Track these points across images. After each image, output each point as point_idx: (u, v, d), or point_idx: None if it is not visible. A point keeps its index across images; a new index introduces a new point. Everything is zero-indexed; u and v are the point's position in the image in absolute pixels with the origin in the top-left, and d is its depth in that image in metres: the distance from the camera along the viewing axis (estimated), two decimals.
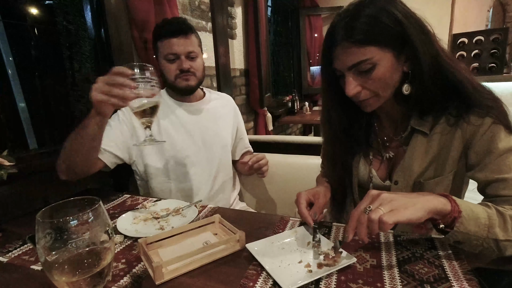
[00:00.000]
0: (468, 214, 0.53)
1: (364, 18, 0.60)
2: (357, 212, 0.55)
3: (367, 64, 0.61)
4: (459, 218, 0.53)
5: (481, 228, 0.53)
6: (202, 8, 1.93)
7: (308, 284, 0.52)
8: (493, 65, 3.34)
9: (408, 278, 0.52)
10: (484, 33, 3.44)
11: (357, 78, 0.64)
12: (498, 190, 0.61)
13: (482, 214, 0.54)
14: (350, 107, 0.73)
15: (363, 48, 0.60)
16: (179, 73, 1.07)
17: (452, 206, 0.54)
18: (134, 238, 0.72)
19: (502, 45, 3.32)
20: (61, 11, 1.22)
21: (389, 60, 0.62)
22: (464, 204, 0.55)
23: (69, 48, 1.25)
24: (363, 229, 0.53)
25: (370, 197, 0.56)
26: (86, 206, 0.43)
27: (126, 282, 0.56)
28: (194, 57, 1.08)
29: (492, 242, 0.54)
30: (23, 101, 1.22)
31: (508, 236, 0.53)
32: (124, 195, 1.03)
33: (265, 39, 2.75)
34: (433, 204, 0.53)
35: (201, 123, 1.15)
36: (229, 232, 0.70)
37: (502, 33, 3.32)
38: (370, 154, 0.80)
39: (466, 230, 0.53)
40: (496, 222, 0.54)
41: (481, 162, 0.64)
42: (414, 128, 0.70)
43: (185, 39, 1.05)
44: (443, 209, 0.53)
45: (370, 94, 0.66)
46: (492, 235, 0.53)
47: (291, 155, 1.33)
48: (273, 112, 2.96)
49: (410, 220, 0.51)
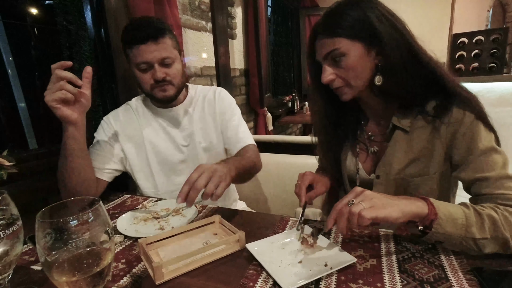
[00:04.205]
0: (445, 215, 0.56)
1: (338, 14, 0.68)
2: (340, 204, 0.57)
3: (338, 53, 0.68)
4: (436, 220, 0.55)
5: (459, 228, 0.56)
6: (202, 8, 1.93)
7: (308, 284, 0.52)
8: (493, 65, 3.34)
9: (408, 278, 0.52)
10: (484, 33, 3.44)
11: (332, 67, 0.71)
12: (481, 188, 0.63)
13: (459, 215, 0.57)
14: (336, 100, 0.78)
15: (334, 39, 0.67)
16: (154, 83, 0.96)
17: (429, 209, 0.56)
18: (134, 238, 0.72)
19: (502, 45, 3.32)
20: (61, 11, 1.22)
21: (358, 51, 0.67)
22: (442, 206, 0.57)
23: (69, 48, 1.25)
24: (343, 220, 0.55)
25: (354, 192, 0.58)
26: (86, 206, 0.43)
27: (126, 282, 0.56)
28: (170, 63, 0.96)
29: (470, 241, 0.56)
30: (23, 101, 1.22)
31: (484, 235, 0.56)
32: (124, 195, 1.03)
33: (265, 39, 2.75)
34: (410, 208, 0.56)
35: (183, 128, 1.07)
36: (229, 232, 0.70)
37: (502, 33, 3.32)
38: (357, 148, 0.84)
39: (443, 231, 0.56)
40: (473, 222, 0.56)
41: (463, 161, 0.66)
42: (395, 125, 0.73)
43: (156, 45, 0.92)
44: (420, 213, 0.56)
45: (343, 83, 0.72)
46: (470, 234, 0.55)
47: (291, 155, 1.33)
48: (273, 112, 2.96)
49: (386, 218, 0.54)
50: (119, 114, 1.07)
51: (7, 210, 0.45)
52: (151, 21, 0.94)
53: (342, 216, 0.55)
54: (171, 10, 1.48)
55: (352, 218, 0.54)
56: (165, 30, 0.94)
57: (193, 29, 1.86)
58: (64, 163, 0.84)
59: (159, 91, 0.98)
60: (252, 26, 2.52)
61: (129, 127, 1.05)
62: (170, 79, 0.97)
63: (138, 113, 1.08)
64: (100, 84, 1.31)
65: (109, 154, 1.01)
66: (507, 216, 0.57)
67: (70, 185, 0.86)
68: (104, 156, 1.00)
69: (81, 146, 0.84)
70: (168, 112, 1.07)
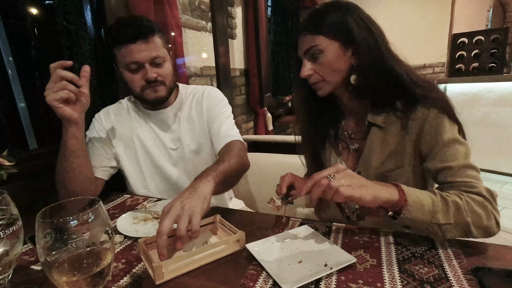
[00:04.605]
0: (414, 202, 0.59)
1: (321, 14, 0.73)
2: (320, 176, 0.60)
3: (316, 50, 0.73)
4: (405, 206, 0.59)
5: (426, 214, 0.59)
6: (202, 8, 1.93)
7: (308, 284, 0.52)
8: (493, 65, 3.34)
9: (408, 278, 0.52)
10: (484, 33, 3.44)
11: (310, 63, 0.75)
12: (446, 177, 0.67)
13: (427, 202, 0.60)
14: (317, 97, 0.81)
15: (314, 36, 0.72)
16: (145, 84, 0.93)
17: (400, 195, 0.60)
18: (134, 238, 0.72)
19: (502, 45, 3.32)
20: (61, 11, 1.22)
21: (335, 50, 0.72)
22: (412, 193, 0.60)
23: (69, 48, 1.25)
24: (319, 191, 0.58)
25: (336, 168, 0.61)
26: (86, 206, 0.43)
27: (126, 282, 0.56)
28: (161, 63, 0.93)
29: (435, 226, 0.59)
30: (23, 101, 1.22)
31: (449, 220, 0.59)
32: (124, 195, 1.03)
33: (265, 39, 2.75)
34: (382, 193, 0.59)
35: (172, 131, 1.05)
36: (229, 232, 0.70)
37: (502, 33, 3.32)
38: (340, 146, 0.87)
39: (412, 217, 0.59)
40: (439, 209, 0.59)
41: (430, 153, 0.70)
42: (371, 122, 0.76)
43: (146, 44, 0.89)
44: (390, 199, 0.59)
45: (320, 78, 0.76)
46: (435, 220, 0.59)
47: (291, 155, 1.33)
48: (273, 112, 2.96)
49: (360, 199, 0.57)
50: (110, 111, 1.06)
51: (7, 210, 0.45)
52: (139, 20, 0.91)
53: (319, 187, 0.58)
54: (171, 10, 1.48)
55: (328, 192, 0.57)
56: (154, 28, 0.91)
57: (193, 29, 1.86)
58: (64, 164, 0.84)
59: (150, 92, 0.94)
60: (252, 26, 2.52)
61: (120, 125, 1.04)
62: (162, 79, 0.94)
63: (130, 113, 1.06)
64: (100, 84, 1.31)
65: (102, 151, 1.00)
66: (469, 202, 0.61)
67: (69, 185, 0.86)
68: (99, 154, 0.99)
69: (81, 145, 0.84)
70: (157, 115, 1.04)
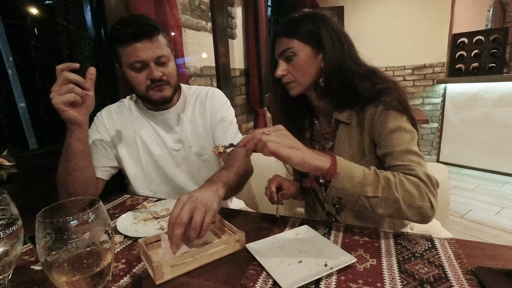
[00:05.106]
0: (344, 172, 0.62)
1: (298, 20, 0.80)
2: (258, 131, 0.63)
3: (290, 52, 0.79)
4: (335, 175, 0.62)
5: (355, 185, 0.62)
6: (202, 8, 1.93)
7: (308, 284, 0.52)
8: (493, 65, 3.34)
9: (408, 278, 0.52)
10: (484, 33, 3.44)
11: (285, 64, 0.81)
12: (390, 162, 0.72)
13: (358, 173, 0.63)
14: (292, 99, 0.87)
15: (289, 40, 0.79)
16: (150, 84, 0.92)
17: (331, 165, 0.62)
18: (134, 238, 0.72)
19: (502, 45, 3.32)
20: (61, 11, 1.22)
21: (307, 53, 0.79)
22: (344, 164, 0.63)
23: (69, 48, 1.25)
24: (252, 143, 0.61)
25: (276, 127, 0.64)
26: (86, 206, 0.43)
27: (126, 282, 0.56)
28: (165, 62, 0.93)
29: (364, 199, 0.62)
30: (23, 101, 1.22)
31: (376, 194, 0.62)
32: (124, 195, 1.03)
33: (265, 39, 2.75)
34: (311, 160, 0.61)
35: (175, 132, 1.05)
36: (229, 232, 0.70)
37: (502, 33, 3.32)
38: (316, 147, 0.93)
39: (341, 186, 0.62)
40: (369, 182, 0.62)
41: (379, 142, 0.76)
42: (338, 120, 0.82)
43: (151, 43, 0.89)
44: (320, 166, 0.62)
45: (292, 79, 0.82)
46: (364, 192, 0.62)
47: None
48: (273, 112, 2.95)
49: (287, 158, 0.60)
50: (112, 111, 1.05)
51: (7, 210, 0.45)
52: (144, 20, 0.90)
53: (253, 139, 0.61)
54: (171, 10, 1.48)
55: (258, 144, 0.60)
56: (158, 28, 0.92)
57: (193, 29, 1.86)
58: (67, 165, 0.84)
59: (155, 92, 0.94)
60: (252, 26, 2.52)
61: (122, 125, 1.04)
62: (167, 79, 0.94)
63: (132, 113, 1.06)
64: (100, 84, 1.31)
65: (104, 151, 1.00)
66: (402, 180, 0.64)
67: (71, 186, 0.85)
68: (99, 154, 0.99)
69: (85, 148, 0.84)
70: (160, 116, 1.04)
